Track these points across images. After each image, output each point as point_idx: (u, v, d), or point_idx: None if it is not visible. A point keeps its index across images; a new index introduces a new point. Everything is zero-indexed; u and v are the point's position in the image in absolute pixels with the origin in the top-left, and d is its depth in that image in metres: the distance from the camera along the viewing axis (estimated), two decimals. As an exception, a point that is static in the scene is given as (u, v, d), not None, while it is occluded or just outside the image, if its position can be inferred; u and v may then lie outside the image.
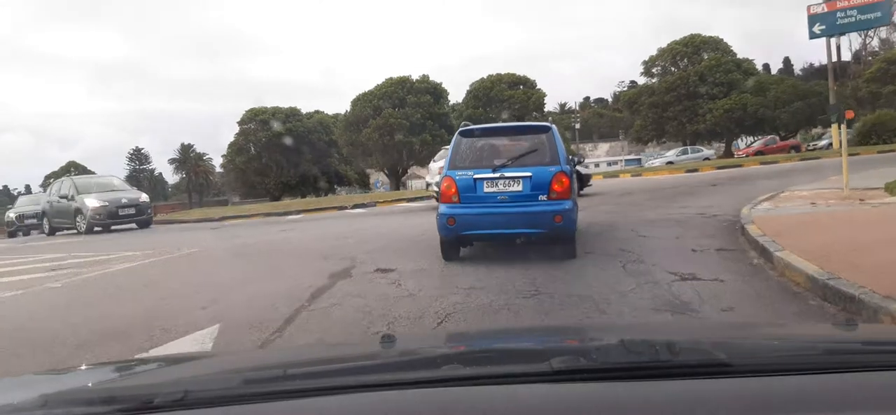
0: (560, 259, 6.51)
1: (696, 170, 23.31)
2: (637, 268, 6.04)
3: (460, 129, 6.98)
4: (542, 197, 6.29)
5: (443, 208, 6.53)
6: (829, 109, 33.68)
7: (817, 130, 48.11)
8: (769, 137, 43.67)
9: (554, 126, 6.87)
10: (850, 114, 32.08)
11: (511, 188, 6.36)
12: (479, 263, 6.70)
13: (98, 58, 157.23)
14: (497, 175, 6.37)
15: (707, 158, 40.47)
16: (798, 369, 1.04)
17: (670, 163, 37.41)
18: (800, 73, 62.06)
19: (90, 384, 1.41)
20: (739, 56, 47.48)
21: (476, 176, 6.42)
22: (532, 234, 6.35)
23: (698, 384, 0.99)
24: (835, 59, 37.40)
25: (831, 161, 22.91)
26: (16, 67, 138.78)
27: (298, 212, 18.22)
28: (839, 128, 32.99)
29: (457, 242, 6.73)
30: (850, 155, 25.12)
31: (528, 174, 6.33)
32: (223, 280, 6.77)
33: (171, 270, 7.96)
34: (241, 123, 53.13)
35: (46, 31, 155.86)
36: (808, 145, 42.28)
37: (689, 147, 44.90)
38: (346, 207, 18.41)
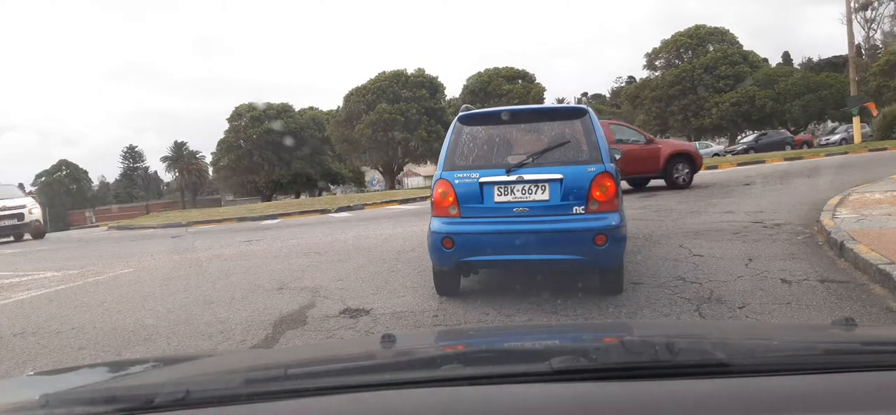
0: (600, 293, 4.66)
1: (714, 167, 21.39)
2: (718, 311, 4.19)
3: (460, 114, 5.02)
4: (578, 209, 4.41)
5: (436, 225, 4.62)
6: (849, 102, 31.82)
7: (830, 124, 46.07)
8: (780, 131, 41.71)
9: (591, 110, 4.94)
10: (873, 109, 29.63)
11: (533, 197, 4.48)
12: (487, 298, 4.84)
13: (101, 57, 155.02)
14: (513, 178, 4.48)
15: (717, 154, 38.65)
16: (798, 369, 1.00)
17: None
18: (797, 68, 60.32)
19: (91, 384, 1.39)
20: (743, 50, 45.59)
21: (483, 179, 4.53)
22: (562, 262, 4.46)
23: (698, 384, 0.96)
24: (843, 51, 35.47)
25: (860, 157, 21.08)
26: (20, 65, 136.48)
27: (275, 216, 16.22)
28: (861, 122, 31.15)
29: (456, 271, 4.84)
30: (877, 150, 23.48)
31: (558, 177, 4.44)
32: (125, 325, 4.85)
33: (69, 303, 6.02)
34: (230, 119, 51.02)
35: (48, 30, 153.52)
36: (820, 140, 40.30)
37: (696, 142, 42.98)
38: (328, 211, 16.42)
